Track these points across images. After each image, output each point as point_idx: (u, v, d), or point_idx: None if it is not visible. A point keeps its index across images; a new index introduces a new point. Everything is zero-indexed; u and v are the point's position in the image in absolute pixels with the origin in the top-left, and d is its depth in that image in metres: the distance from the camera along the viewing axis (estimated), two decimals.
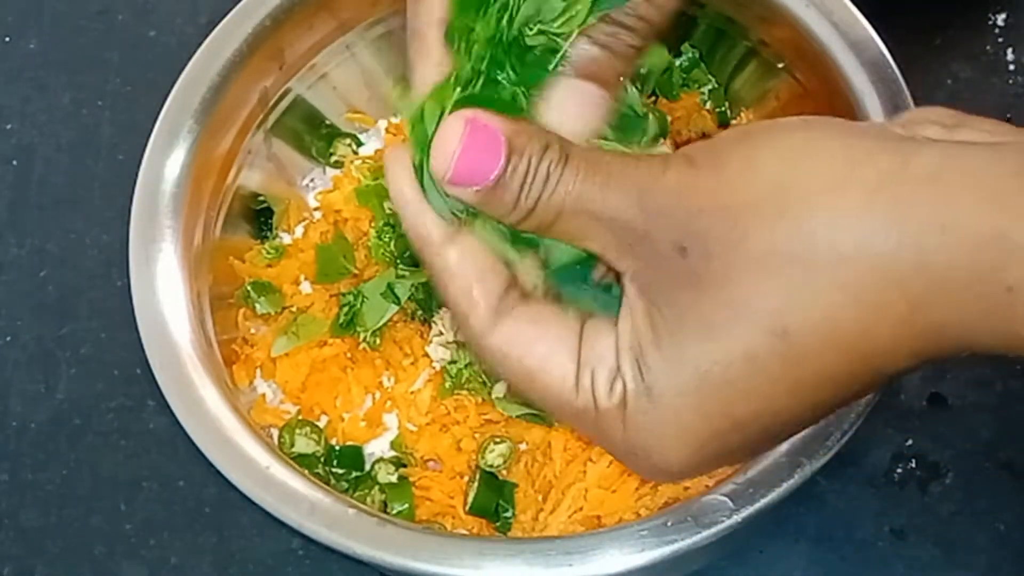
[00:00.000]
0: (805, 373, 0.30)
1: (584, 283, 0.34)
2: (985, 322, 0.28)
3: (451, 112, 0.32)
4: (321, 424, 0.51)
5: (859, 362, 0.30)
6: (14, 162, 0.63)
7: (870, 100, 0.47)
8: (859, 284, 0.28)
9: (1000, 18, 0.62)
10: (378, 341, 0.51)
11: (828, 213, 0.29)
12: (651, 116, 0.54)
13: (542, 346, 0.33)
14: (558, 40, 0.34)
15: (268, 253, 0.54)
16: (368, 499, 0.49)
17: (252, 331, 0.52)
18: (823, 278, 0.29)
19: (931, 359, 0.30)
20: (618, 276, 0.32)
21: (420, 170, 0.33)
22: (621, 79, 0.35)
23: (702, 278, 0.30)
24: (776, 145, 0.30)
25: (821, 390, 0.30)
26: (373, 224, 0.53)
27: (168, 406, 0.44)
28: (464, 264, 0.33)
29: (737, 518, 0.40)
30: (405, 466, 0.50)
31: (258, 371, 0.51)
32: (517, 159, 0.31)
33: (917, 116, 0.32)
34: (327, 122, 0.57)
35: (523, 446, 0.49)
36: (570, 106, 0.34)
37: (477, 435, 0.50)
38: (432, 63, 0.34)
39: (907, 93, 0.47)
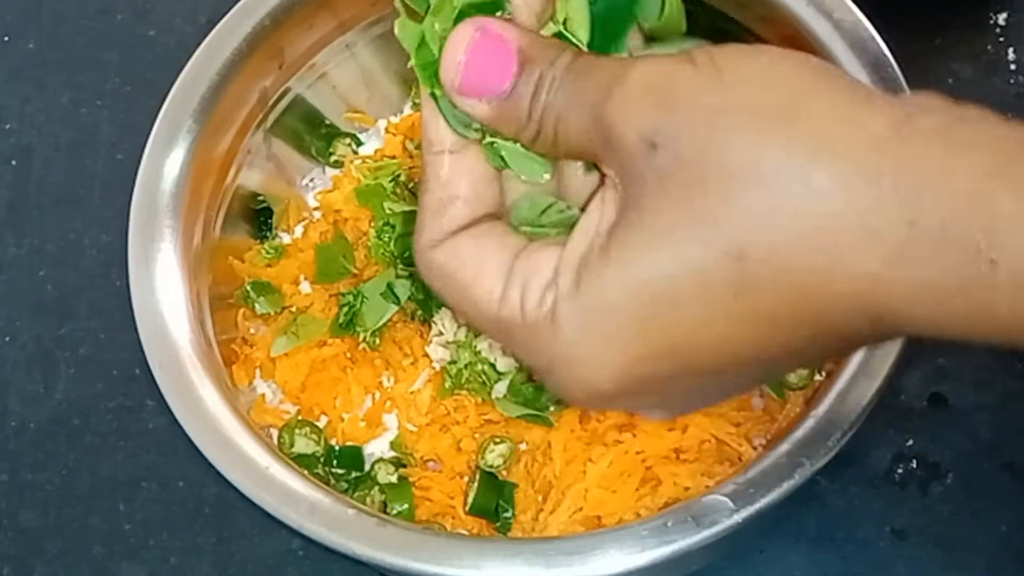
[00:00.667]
0: (752, 308, 0.28)
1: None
2: (958, 295, 0.26)
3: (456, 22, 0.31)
4: (321, 424, 0.51)
5: (810, 312, 0.28)
6: (13, 162, 0.63)
7: None
8: (831, 225, 0.27)
9: (1001, 17, 0.62)
10: (378, 341, 0.51)
11: (824, 147, 0.27)
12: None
13: (475, 262, 0.32)
14: None
15: (268, 253, 0.54)
16: (368, 499, 0.49)
17: (252, 331, 0.52)
18: (797, 210, 0.27)
19: (889, 333, 0.28)
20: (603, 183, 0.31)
21: (433, 96, 0.32)
22: None
23: (667, 180, 0.28)
24: (790, 68, 0.29)
25: (767, 333, 0.28)
26: (373, 224, 0.53)
27: (167, 406, 0.44)
28: (451, 178, 0.32)
29: (737, 518, 0.40)
30: (405, 466, 0.50)
31: (258, 371, 0.51)
32: (531, 68, 0.30)
33: (923, 95, 0.30)
34: (327, 122, 0.57)
35: (523, 446, 0.49)
36: None
37: (477, 435, 0.50)
38: None
39: (908, 93, 0.47)
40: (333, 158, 0.57)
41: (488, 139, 0.32)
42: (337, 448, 0.50)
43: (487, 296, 0.31)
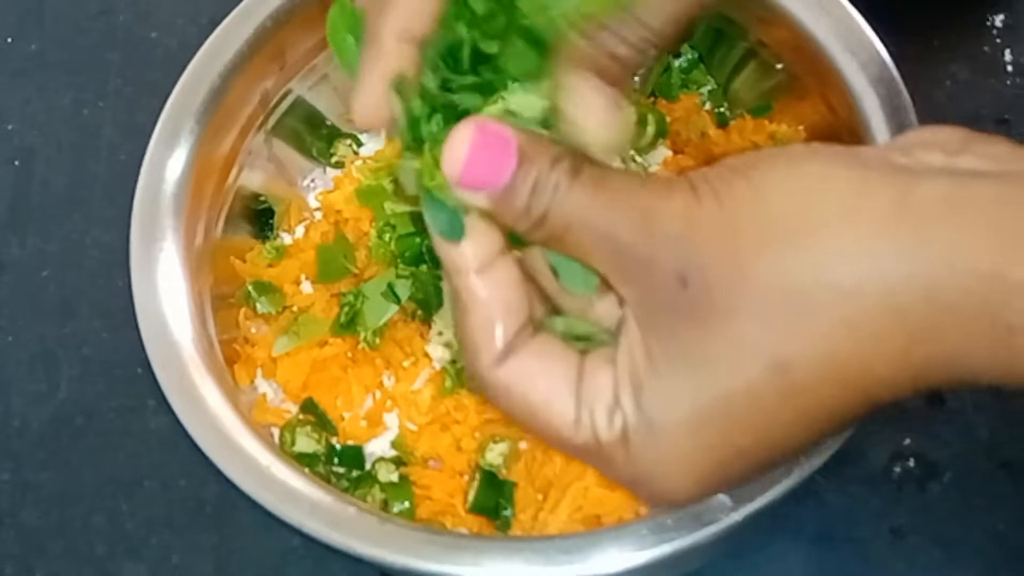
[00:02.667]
0: (805, 405, 0.30)
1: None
2: (985, 359, 0.28)
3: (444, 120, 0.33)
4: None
5: (857, 393, 0.30)
6: (15, 162, 0.63)
7: (869, 100, 0.47)
8: (860, 318, 0.29)
9: (998, 19, 0.62)
10: (378, 341, 0.51)
11: (832, 247, 0.29)
12: (650, 117, 0.54)
13: (544, 383, 0.33)
14: (559, 23, 0.33)
15: (269, 253, 0.54)
16: (369, 498, 0.49)
17: (253, 331, 0.52)
18: (825, 312, 0.29)
19: (930, 388, 0.30)
20: (621, 303, 0.33)
21: (422, 189, 0.33)
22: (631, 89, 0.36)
23: (702, 311, 0.30)
24: (781, 177, 0.30)
25: (819, 420, 0.31)
26: (373, 224, 0.53)
27: (169, 406, 0.45)
28: (491, 297, 0.33)
29: (737, 517, 0.40)
30: (406, 465, 0.50)
31: (259, 371, 0.52)
32: (529, 165, 0.31)
33: (919, 138, 0.32)
34: (328, 123, 0.57)
35: (523, 445, 0.49)
36: (595, 105, 0.34)
37: (477, 434, 0.50)
38: (384, 69, 0.34)
39: (906, 93, 0.47)
40: (334, 159, 0.57)
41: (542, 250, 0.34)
42: (338, 447, 0.50)
43: (561, 421, 0.33)
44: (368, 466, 0.50)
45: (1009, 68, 0.61)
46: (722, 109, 0.56)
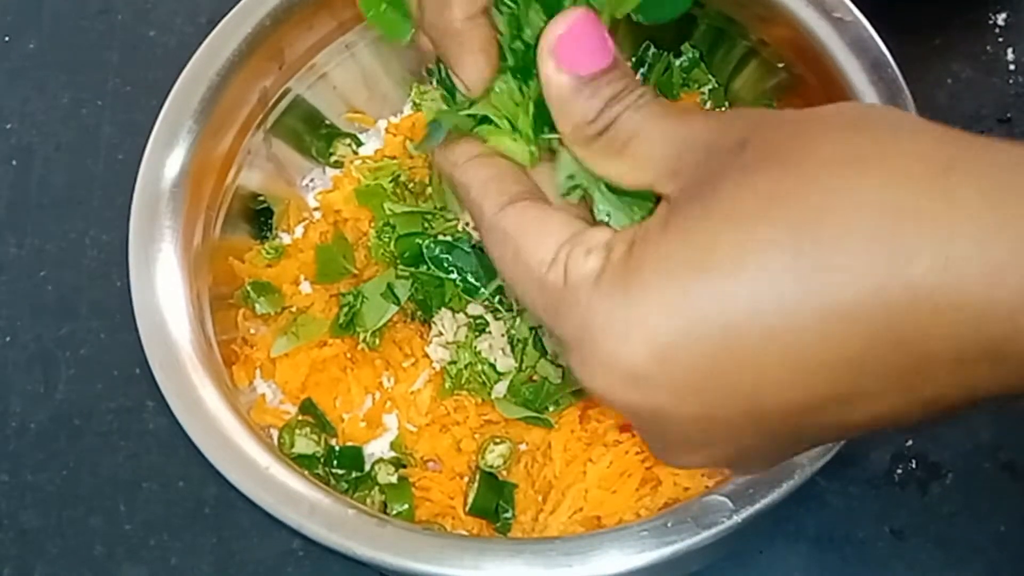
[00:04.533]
0: (821, 288, 0.26)
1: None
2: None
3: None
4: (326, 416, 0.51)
5: (902, 308, 0.26)
6: (14, 162, 0.63)
7: (870, 99, 0.47)
8: (924, 213, 0.25)
9: (1000, 18, 0.62)
10: (378, 341, 0.51)
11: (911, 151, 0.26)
12: None
13: (538, 225, 0.31)
14: None
15: (268, 253, 0.54)
16: (368, 500, 0.49)
17: (252, 331, 0.52)
18: (881, 200, 0.26)
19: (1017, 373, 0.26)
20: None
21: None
22: None
23: (749, 168, 0.28)
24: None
25: (830, 332, 0.26)
26: (373, 224, 0.53)
27: (168, 406, 0.44)
28: (487, 165, 0.33)
29: (737, 518, 0.40)
30: (405, 467, 0.50)
31: (258, 371, 0.51)
32: (620, 72, 0.31)
33: None
34: (327, 122, 0.57)
35: (523, 446, 0.49)
36: None
37: (477, 435, 0.50)
38: (481, 60, 0.33)
39: (907, 93, 0.47)
40: (333, 158, 0.57)
41: (588, 188, 0.33)
42: (337, 448, 0.50)
43: (539, 259, 0.31)
44: (367, 467, 0.50)
45: (1011, 67, 0.61)
46: (723, 108, 0.56)
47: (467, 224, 0.51)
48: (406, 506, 0.49)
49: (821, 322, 0.26)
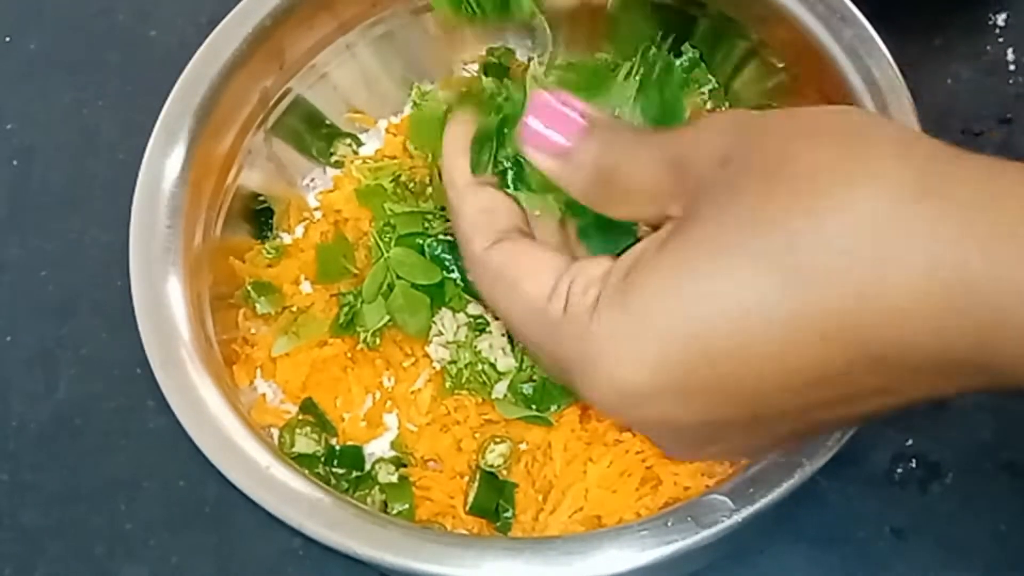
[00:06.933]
0: (803, 303, 0.27)
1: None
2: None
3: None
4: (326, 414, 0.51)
5: (871, 324, 0.27)
6: (14, 162, 0.63)
7: (870, 100, 0.47)
8: (912, 230, 0.26)
9: (1000, 18, 0.62)
10: (378, 341, 0.51)
11: (891, 157, 0.27)
12: None
13: (531, 261, 0.33)
14: None
15: (268, 253, 0.54)
16: (368, 499, 0.49)
17: (252, 331, 0.52)
18: (870, 211, 0.26)
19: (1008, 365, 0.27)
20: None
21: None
22: None
23: (734, 188, 0.28)
24: (841, 109, 0.30)
25: (814, 344, 0.27)
26: (373, 224, 0.53)
27: (168, 406, 0.44)
28: (483, 194, 0.35)
29: (737, 518, 0.40)
30: (405, 466, 0.50)
31: (258, 371, 0.51)
32: (599, 128, 0.33)
33: None
34: (327, 122, 0.57)
35: (523, 446, 0.49)
36: None
37: (477, 435, 0.50)
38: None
39: (907, 93, 0.47)
40: (334, 158, 0.57)
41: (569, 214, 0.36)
42: (337, 448, 0.50)
43: (537, 291, 0.32)
44: (368, 467, 0.50)
45: (1012, 67, 0.61)
46: (723, 108, 0.56)
47: None
48: (406, 505, 0.49)
49: (811, 331, 0.27)
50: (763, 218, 0.27)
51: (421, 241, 0.51)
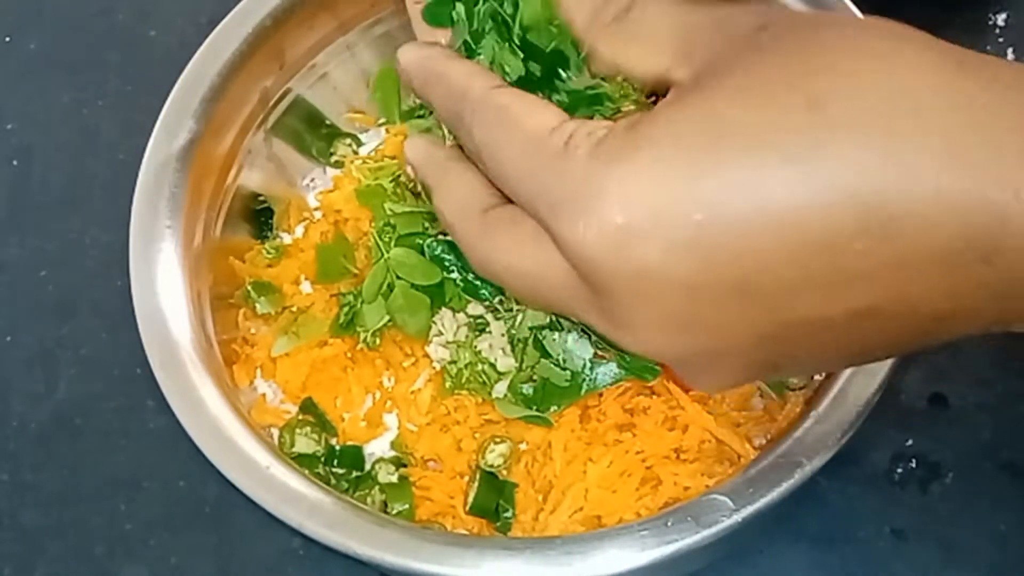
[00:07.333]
0: (818, 167, 0.26)
1: None
2: None
3: None
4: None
5: (892, 222, 0.25)
6: (14, 162, 0.63)
7: None
8: (938, 116, 0.26)
9: (1000, 18, 0.62)
10: (378, 341, 0.51)
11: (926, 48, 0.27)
12: None
13: (536, 102, 0.31)
14: None
15: (268, 253, 0.54)
16: (368, 499, 0.49)
17: (252, 331, 0.52)
18: (890, 85, 0.26)
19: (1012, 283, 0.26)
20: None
21: None
22: None
23: (765, 49, 0.28)
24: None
25: (825, 216, 0.26)
26: (373, 224, 0.53)
27: (168, 406, 0.44)
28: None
29: (737, 518, 0.40)
30: (405, 466, 0.50)
31: (258, 371, 0.51)
32: None
33: None
34: (327, 122, 0.57)
35: (523, 446, 0.49)
36: None
37: (477, 435, 0.50)
38: None
39: None
40: (334, 158, 0.57)
41: None
42: (337, 448, 0.50)
43: (540, 124, 0.30)
44: (368, 467, 0.50)
45: None
46: None
47: None
48: (406, 505, 0.49)
49: (821, 203, 0.26)
50: (790, 83, 0.27)
51: (421, 241, 0.51)
